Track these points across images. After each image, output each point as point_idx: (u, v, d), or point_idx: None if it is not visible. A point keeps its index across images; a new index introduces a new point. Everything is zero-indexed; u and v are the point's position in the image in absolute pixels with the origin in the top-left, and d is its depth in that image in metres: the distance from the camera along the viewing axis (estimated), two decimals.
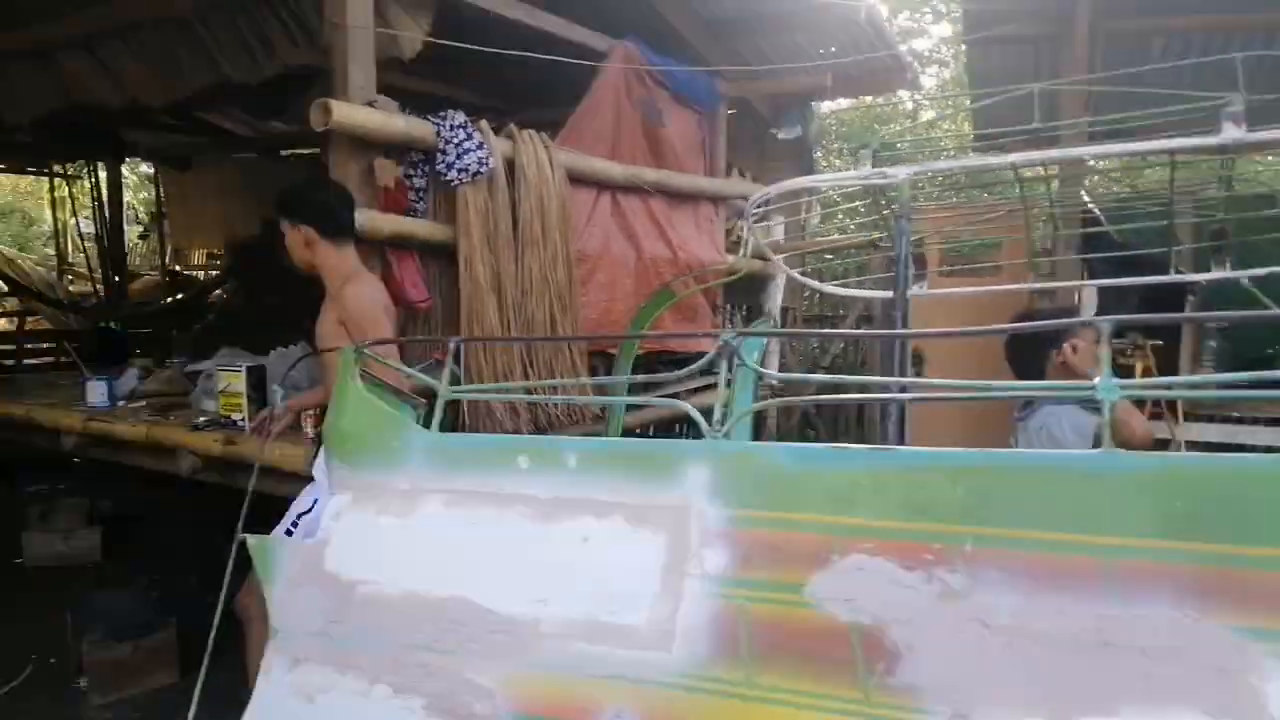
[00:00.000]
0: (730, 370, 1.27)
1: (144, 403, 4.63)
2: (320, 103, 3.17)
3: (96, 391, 4.56)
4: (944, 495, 1.01)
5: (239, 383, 3.84)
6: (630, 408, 3.82)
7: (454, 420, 3.57)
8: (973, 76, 7.43)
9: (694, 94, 5.54)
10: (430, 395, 1.52)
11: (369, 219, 3.41)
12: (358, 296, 2.75)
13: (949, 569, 0.98)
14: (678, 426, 5.44)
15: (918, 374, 5.13)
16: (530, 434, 3.73)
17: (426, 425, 1.44)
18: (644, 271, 4.88)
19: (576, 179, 4.34)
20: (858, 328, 6.74)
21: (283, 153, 9.32)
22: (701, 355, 4.75)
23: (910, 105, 15.19)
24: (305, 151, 9.05)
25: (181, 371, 4.90)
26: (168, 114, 7.45)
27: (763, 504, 1.10)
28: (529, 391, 3.54)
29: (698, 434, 1.25)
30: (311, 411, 3.58)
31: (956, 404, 4.98)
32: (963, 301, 4.65)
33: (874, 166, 2.14)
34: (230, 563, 1.54)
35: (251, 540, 1.47)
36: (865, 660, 0.99)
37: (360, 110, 3.32)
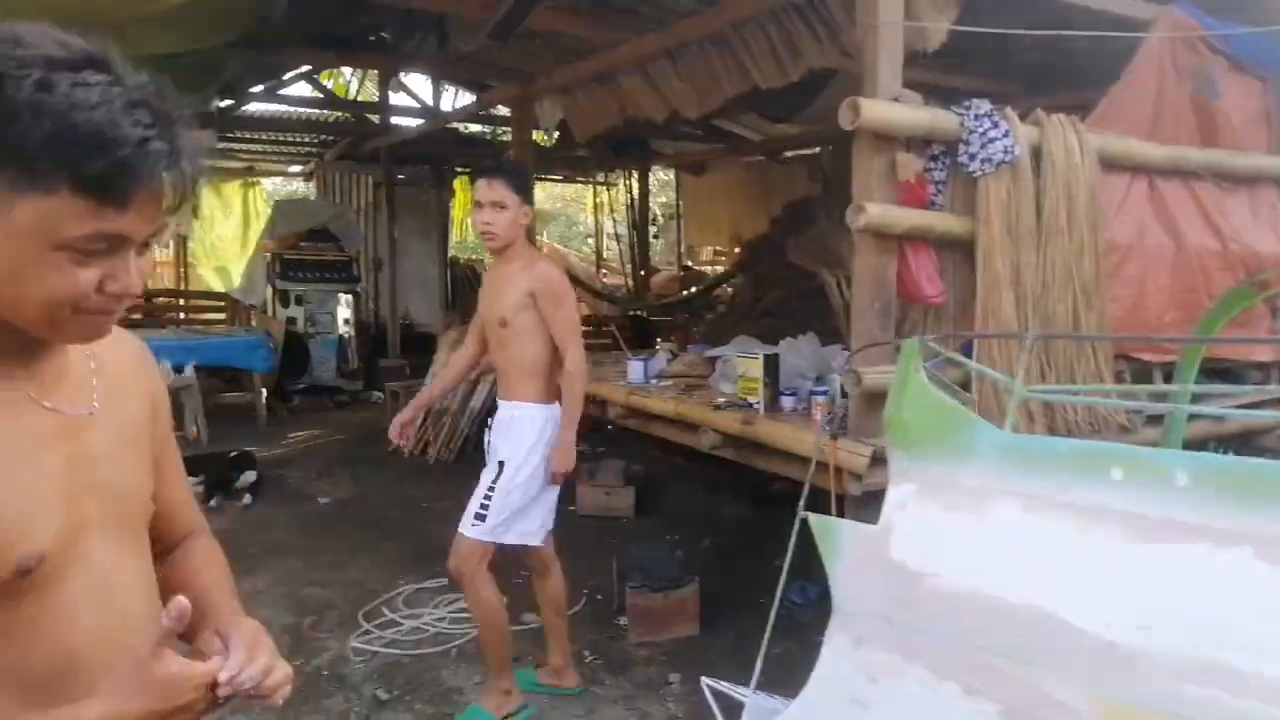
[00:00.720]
0: None
1: (670, 382, 5.22)
2: (850, 102, 3.26)
3: (635, 370, 5.24)
4: None
5: (756, 369, 4.13)
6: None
7: None
8: None
9: (1259, 58, 4.70)
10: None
11: (885, 213, 3.45)
12: (558, 274, 3.11)
13: None
14: (1212, 444, 4.69)
15: None
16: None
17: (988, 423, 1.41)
18: (1185, 265, 4.28)
19: (1109, 163, 3.94)
20: None
21: (785, 155, 9.82)
22: (1256, 366, 4.04)
23: None
24: (806, 152, 9.44)
25: (702, 356, 5.41)
26: (690, 123, 8.26)
27: None
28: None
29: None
30: (821, 399, 3.73)
31: None
32: None
33: None
34: (793, 539, 1.66)
35: (813, 519, 1.56)
36: None
37: (887, 106, 3.36)
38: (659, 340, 7.98)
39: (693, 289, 11.13)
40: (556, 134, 8.93)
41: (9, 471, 0.92)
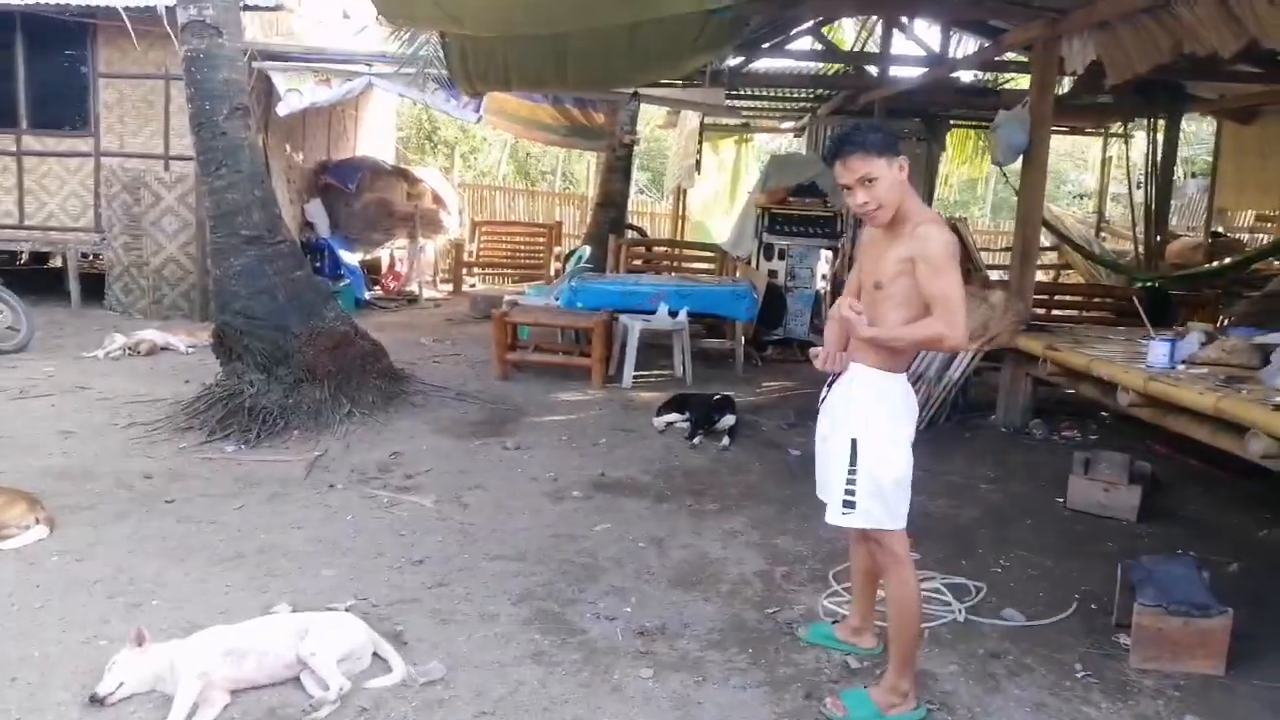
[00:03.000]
0: None
1: (1205, 370, 4.40)
2: None
3: (1158, 352, 4.50)
4: None
5: None
6: None
7: None
8: None
9: None
10: None
11: None
12: (944, 238, 2.73)
13: None
14: None
15: None
16: None
17: None
18: None
19: None
20: None
21: None
22: None
23: None
24: None
25: (1248, 342, 4.48)
26: (1245, 60, 6.88)
27: None
28: None
29: None
30: None
31: None
32: None
33: None
34: None
35: None
36: None
37: None
38: (1182, 319, 6.82)
39: (1225, 259, 9.37)
40: (1071, 80, 7.99)
41: None
